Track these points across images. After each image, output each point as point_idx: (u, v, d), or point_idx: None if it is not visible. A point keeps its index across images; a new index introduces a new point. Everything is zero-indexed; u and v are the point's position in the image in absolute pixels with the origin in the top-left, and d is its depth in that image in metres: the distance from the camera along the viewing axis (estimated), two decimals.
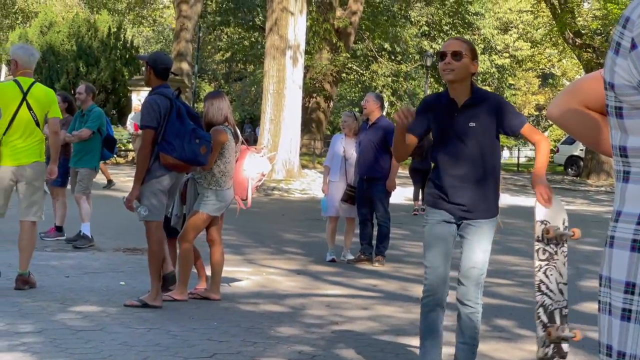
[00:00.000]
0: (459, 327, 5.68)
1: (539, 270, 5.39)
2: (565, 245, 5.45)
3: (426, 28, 52.41)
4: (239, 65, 60.17)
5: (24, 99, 8.42)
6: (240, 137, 8.82)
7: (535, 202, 5.40)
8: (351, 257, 11.74)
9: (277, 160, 26.60)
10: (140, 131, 8.49)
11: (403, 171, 26.38)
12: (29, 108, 8.43)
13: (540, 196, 5.40)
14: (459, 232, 5.59)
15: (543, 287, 5.41)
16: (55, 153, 8.93)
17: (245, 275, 10.20)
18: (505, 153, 68.12)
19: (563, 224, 5.43)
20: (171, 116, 7.81)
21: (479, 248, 5.55)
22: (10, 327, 6.84)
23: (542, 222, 5.38)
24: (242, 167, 8.79)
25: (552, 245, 5.38)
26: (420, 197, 19.05)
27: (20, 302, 7.83)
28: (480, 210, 5.52)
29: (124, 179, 22.81)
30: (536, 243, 5.40)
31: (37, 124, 8.52)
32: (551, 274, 5.40)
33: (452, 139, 5.51)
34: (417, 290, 9.45)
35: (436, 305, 5.57)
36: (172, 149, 7.73)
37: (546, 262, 5.40)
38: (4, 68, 47.58)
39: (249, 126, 53.75)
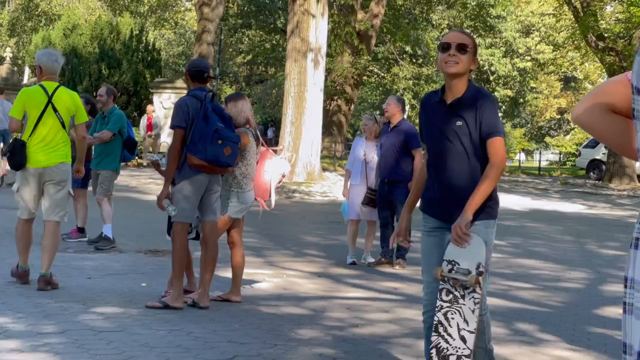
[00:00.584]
0: None
1: (439, 310, 5.10)
2: (479, 291, 5.05)
3: (447, 31, 52.32)
4: (260, 67, 60.34)
5: (49, 102, 8.66)
6: (261, 139, 8.86)
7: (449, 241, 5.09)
8: (372, 260, 11.74)
9: (298, 163, 26.64)
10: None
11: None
12: (55, 111, 8.67)
13: (455, 232, 5.06)
14: None
15: (440, 329, 5.08)
16: (82, 154, 9.33)
17: (266, 277, 10.21)
18: (522, 156, 67.81)
19: (477, 268, 5.03)
20: (198, 118, 7.89)
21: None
22: (33, 327, 6.88)
23: (448, 261, 5.11)
24: (263, 168, 8.83)
25: (459, 288, 5.05)
26: None
27: (43, 303, 7.87)
28: (477, 212, 5.11)
29: (146, 181, 22.86)
30: (441, 282, 5.12)
31: (63, 126, 8.74)
32: (452, 318, 5.07)
33: (440, 139, 5.23)
34: None
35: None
36: (196, 150, 7.81)
37: (448, 305, 5.09)
38: (27, 70, 47.86)
39: (271, 130, 53.82)
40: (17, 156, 8.58)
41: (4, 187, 19.27)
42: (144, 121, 30.55)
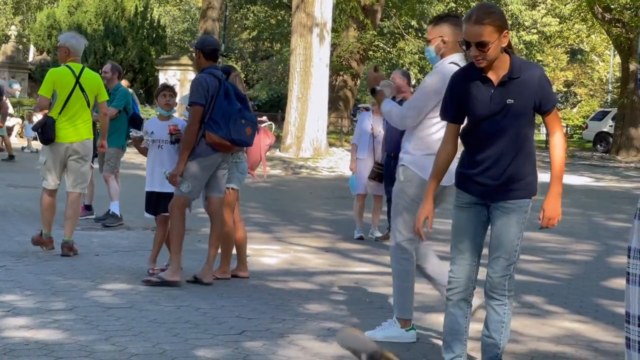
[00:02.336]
0: (486, 318, 5.27)
1: None
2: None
3: (453, 5, 52.08)
4: (265, 43, 60.21)
5: (77, 82, 9.36)
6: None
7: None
8: (379, 234, 11.75)
9: (304, 138, 26.63)
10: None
11: None
12: (82, 90, 9.38)
13: (547, 221, 5.10)
14: (489, 214, 5.17)
15: None
16: (105, 130, 10.34)
17: (273, 253, 10.23)
18: None
19: None
20: (219, 96, 7.86)
21: (505, 236, 5.10)
22: (42, 304, 6.91)
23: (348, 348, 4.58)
24: (254, 139, 8.85)
25: None
26: None
27: (52, 280, 7.90)
28: (514, 190, 5.07)
29: None
30: None
31: (88, 105, 9.48)
32: None
33: (488, 117, 5.00)
34: (445, 267, 9.45)
35: (460, 300, 5.22)
36: (218, 128, 7.79)
37: None
38: (32, 48, 47.81)
39: None
40: (49, 132, 9.24)
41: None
42: None
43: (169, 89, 8.69)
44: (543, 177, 5.41)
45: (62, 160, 9.36)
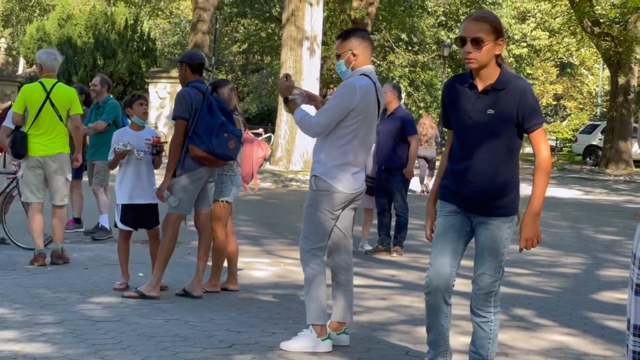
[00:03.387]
0: (472, 334, 5.26)
1: None
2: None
3: (443, 18, 52.27)
4: (256, 56, 60.19)
5: (47, 97, 9.53)
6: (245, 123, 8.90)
7: None
8: (369, 247, 11.74)
9: (294, 152, 26.63)
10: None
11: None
12: (52, 105, 9.55)
13: (525, 242, 5.03)
14: (473, 229, 5.13)
15: None
16: (79, 144, 10.12)
17: (263, 266, 10.22)
18: None
19: None
20: (202, 110, 7.86)
21: (489, 253, 5.06)
22: (30, 318, 6.88)
23: None
24: (246, 153, 8.85)
25: None
26: (425, 180, 22.11)
27: (40, 293, 7.87)
28: (494, 207, 5.02)
29: None
30: None
31: (60, 119, 9.62)
32: None
33: (468, 126, 5.00)
34: None
35: (439, 302, 5.15)
36: (200, 142, 7.78)
37: None
38: (22, 61, 47.77)
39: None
40: (19, 146, 9.49)
41: None
42: None
43: (144, 98, 8.66)
44: (525, 188, 5.39)
45: (40, 172, 9.55)
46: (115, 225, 8.61)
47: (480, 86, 4.99)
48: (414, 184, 19.62)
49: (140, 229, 8.55)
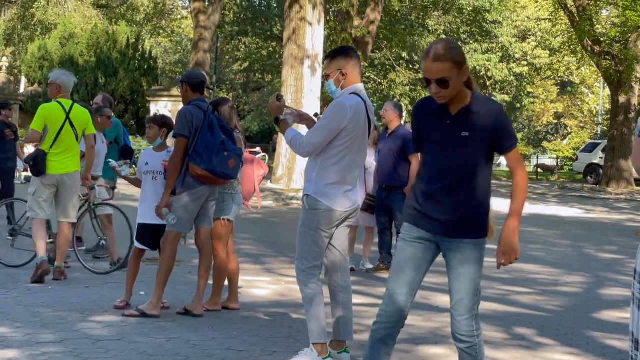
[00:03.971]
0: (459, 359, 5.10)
1: None
2: None
3: (444, 37, 52.33)
4: (257, 75, 60.26)
5: (67, 118, 9.90)
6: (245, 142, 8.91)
7: None
8: (370, 266, 11.73)
9: (295, 170, 26.63)
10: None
11: None
12: (72, 126, 9.93)
13: (502, 257, 4.90)
14: (443, 254, 5.03)
15: None
16: (91, 164, 10.49)
17: (264, 284, 10.20)
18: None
19: None
20: (203, 128, 7.88)
21: (465, 277, 4.94)
22: (31, 337, 6.87)
23: None
24: (247, 171, 8.86)
25: None
26: None
27: (41, 312, 7.86)
28: (465, 230, 4.92)
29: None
30: None
31: (77, 139, 10.01)
32: None
33: (441, 148, 4.94)
34: (437, 299, 9.44)
35: (387, 336, 5.04)
36: (200, 161, 7.80)
37: None
38: (24, 80, 47.84)
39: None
40: (40, 164, 9.79)
41: None
42: None
43: (156, 121, 8.66)
44: (526, 206, 5.39)
45: (52, 191, 9.86)
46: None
47: (453, 109, 4.92)
48: None
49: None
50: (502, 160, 69.39)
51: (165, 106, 33.33)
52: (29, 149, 14.29)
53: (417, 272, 5.03)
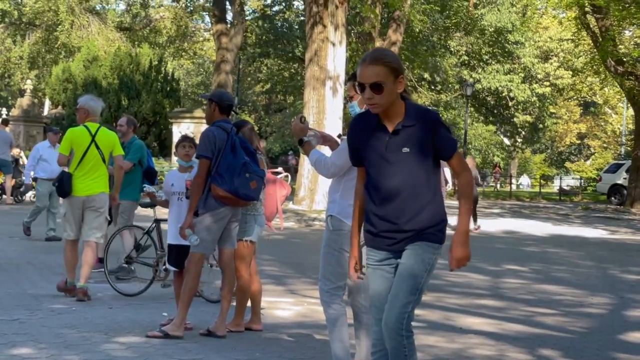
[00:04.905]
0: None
1: None
2: None
3: (466, 57, 52.40)
4: (278, 96, 60.55)
5: (92, 140, 10.13)
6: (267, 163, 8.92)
7: None
8: None
9: (318, 191, 26.64)
10: None
11: (450, 202, 26.36)
12: (97, 148, 10.15)
13: (456, 262, 4.82)
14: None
15: None
16: (119, 184, 10.90)
17: (287, 305, 10.19)
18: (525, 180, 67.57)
19: None
20: (226, 149, 7.91)
21: (409, 271, 4.79)
22: (55, 358, 6.88)
23: None
24: (269, 192, 8.87)
25: None
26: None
27: (65, 333, 7.88)
28: (423, 238, 4.82)
29: (165, 210, 22.56)
30: None
31: (103, 161, 10.21)
32: None
33: (385, 167, 4.84)
34: (460, 320, 9.40)
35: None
36: (222, 182, 7.82)
37: None
38: (48, 102, 48.17)
39: (292, 156, 53.77)
40: (65, 186, 10.02)
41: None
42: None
43: (188, 140, 8.73)
44: (549, 227, 5.36)
45: (79, 211, 10.06)
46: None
47: (390, 126, 4.83)
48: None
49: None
50: (522, 180, 69.24)
51: (188, 128, 33.46)
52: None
53: (389, 290, 4.90)
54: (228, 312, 8.19)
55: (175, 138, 32.88)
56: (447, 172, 9.32)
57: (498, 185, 57.50)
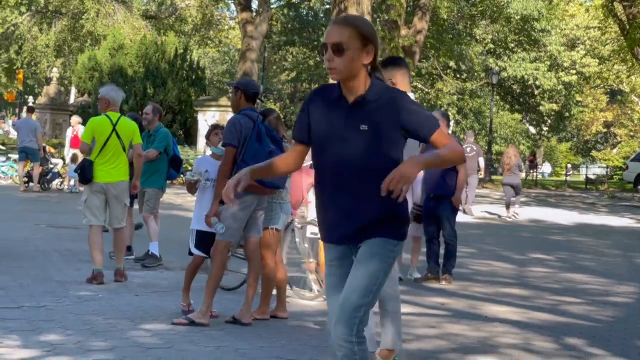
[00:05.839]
0: None
1: None
2: None
3: (491, 45, 52.15)
4: (304, 84, 60.49)
5: (113, 129, 10.39)
6: None
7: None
8: (418, 275, 11.69)
9: None
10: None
11: (479, 190, 26.43)
12: (118, 137, 10.41)
13: (389, 181, 4.05)
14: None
15: None
16: (139, 171, 11.09)
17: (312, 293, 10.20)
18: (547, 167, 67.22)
19: None
20: (251, 137, 7.92)
21: (363, 270, 4.29)
22: (81, 344, 6.93)
23: None
24: (297, 179, 8.88)
25: None
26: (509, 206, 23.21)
27: (92, 320, 7.93)
28: (379, 232, 4.31)
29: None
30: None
31: (124, 149, 10.47)
32: None
33: (338, 145, 4.32)
34: (486, 308, 9.39)
35: None
36: None
37: None
38: (74, 90, 48.38)
39: None
40: (86, 173, 10.30)
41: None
42: (69, 134, 26.87)
43: (221, 127, 8.80)
44: (575, 216, 5.34)
45: (102, 197, 10.34)
46: (190, 253, 8.60)
47: (350, 98, 4.34)
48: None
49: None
50: (544, 169, 68.78)
51: (213, 116, 33.50)
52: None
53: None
54: (253, 300, 8.22)
55: (201, 126, 32.95)
56: (480, 160, 9.32)
57: (536, 175, 56.73)
